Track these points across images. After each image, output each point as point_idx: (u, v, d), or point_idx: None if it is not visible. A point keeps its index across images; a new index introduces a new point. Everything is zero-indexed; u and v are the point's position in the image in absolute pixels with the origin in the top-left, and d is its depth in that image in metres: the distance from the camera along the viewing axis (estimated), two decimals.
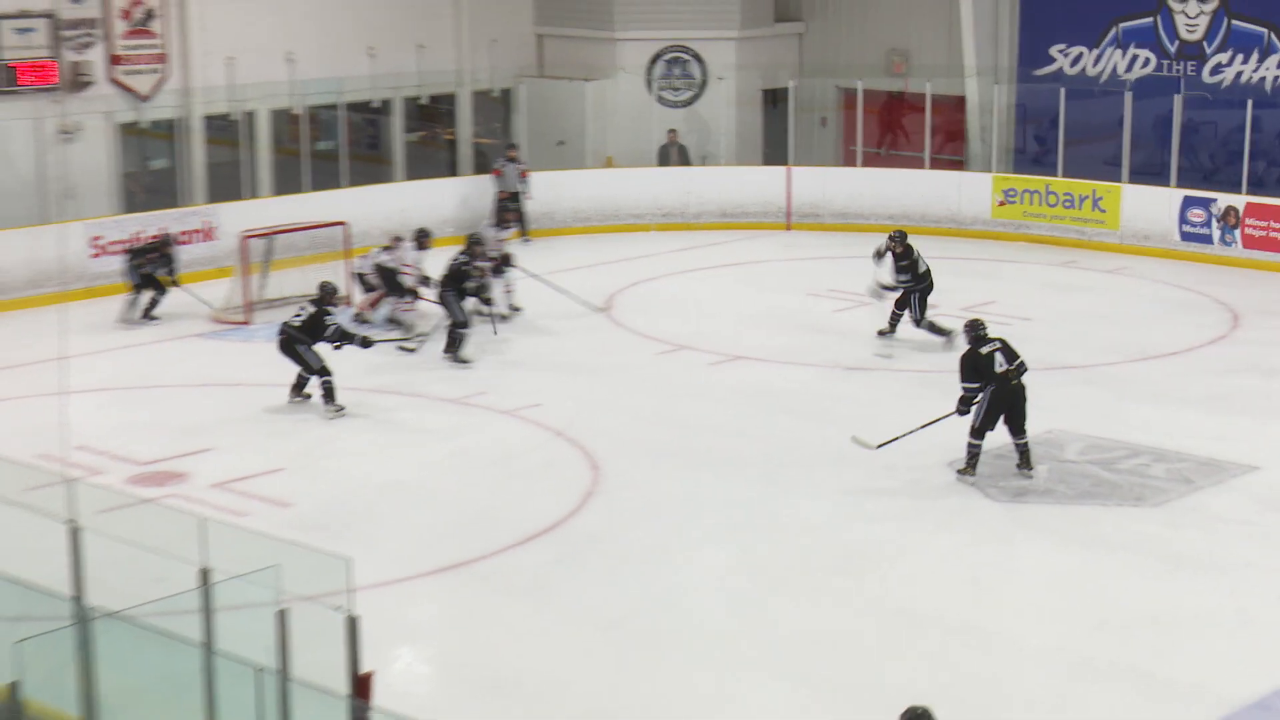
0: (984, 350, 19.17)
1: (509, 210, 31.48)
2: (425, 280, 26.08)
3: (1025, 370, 19.27)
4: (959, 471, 19.31)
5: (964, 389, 19.23)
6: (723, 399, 22.77)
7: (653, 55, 36.74)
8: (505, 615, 15.87)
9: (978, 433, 19.22)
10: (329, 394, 22.05)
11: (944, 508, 18.56)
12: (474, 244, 25.32)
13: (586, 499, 18.88)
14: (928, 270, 24.91)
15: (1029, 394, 19.36)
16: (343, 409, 21.96)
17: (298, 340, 22.05)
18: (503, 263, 26.66)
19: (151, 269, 26.69)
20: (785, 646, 15.17)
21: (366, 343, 22.55)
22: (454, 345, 24.48)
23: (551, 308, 27.04)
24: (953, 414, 19.43)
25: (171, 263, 26.95)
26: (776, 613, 15.93)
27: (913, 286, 24.85)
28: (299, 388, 22.35)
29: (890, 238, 25.22)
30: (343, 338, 22.19)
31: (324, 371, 22.11)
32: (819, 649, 15.12)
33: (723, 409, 22.29)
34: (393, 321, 26.18)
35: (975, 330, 19.44)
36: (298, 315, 22.23)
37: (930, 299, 24.93)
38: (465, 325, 24.53)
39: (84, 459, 19.45)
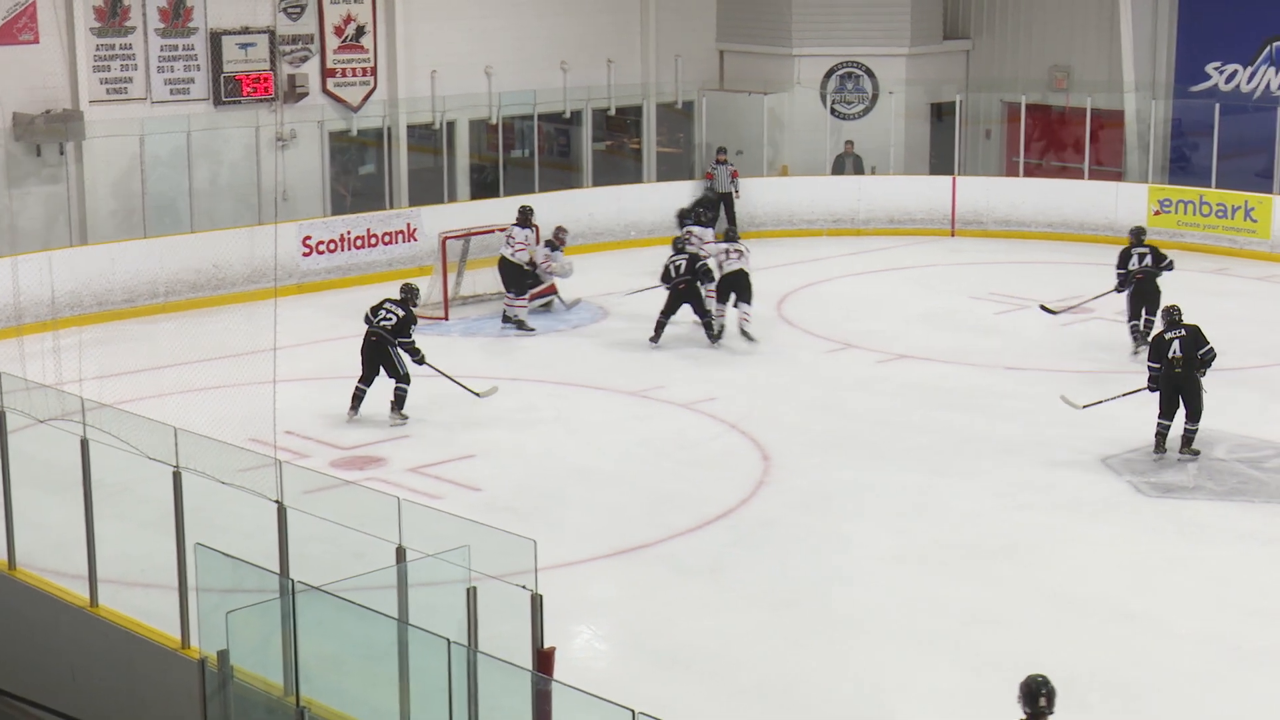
0: (1167, 335, 19.47)
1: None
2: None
3: (1209, 361, 19.42)
4: (1153, 452, 19.59)
5: (1149, 368, 19.64)
6: (888, 394, 22.62)
7: (827, 70, 36.56)
8: (681, 595, 15.87)
9: (1161, 414, 19.53)
10: (401, 401, 21.46)
11: (1099, 501, 18.36)
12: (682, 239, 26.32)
13: (759, 487, 18.84)
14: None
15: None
16: (407, 418, 21.41)
17: (390, 342, 21.34)
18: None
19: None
20: (947, 627, 15.08)
21: (421, 360, 21.55)
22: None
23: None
24: (1145, 388, 19.77)
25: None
26: (938, 595, 15.82)
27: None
28: (359, 402, 21.54)
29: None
30: (416, 351, 21.50)
31: (406, 377, 21.45)
32: (979, 630, 15.02)
33: (888, 404, 22.15)
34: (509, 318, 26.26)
35: (1169, 316, 19.80)
36: (386, 318, 21.40)
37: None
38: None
39: (291, 443, 19.69)
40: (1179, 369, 19.24)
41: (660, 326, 25.17)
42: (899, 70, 36.40)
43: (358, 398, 21.60)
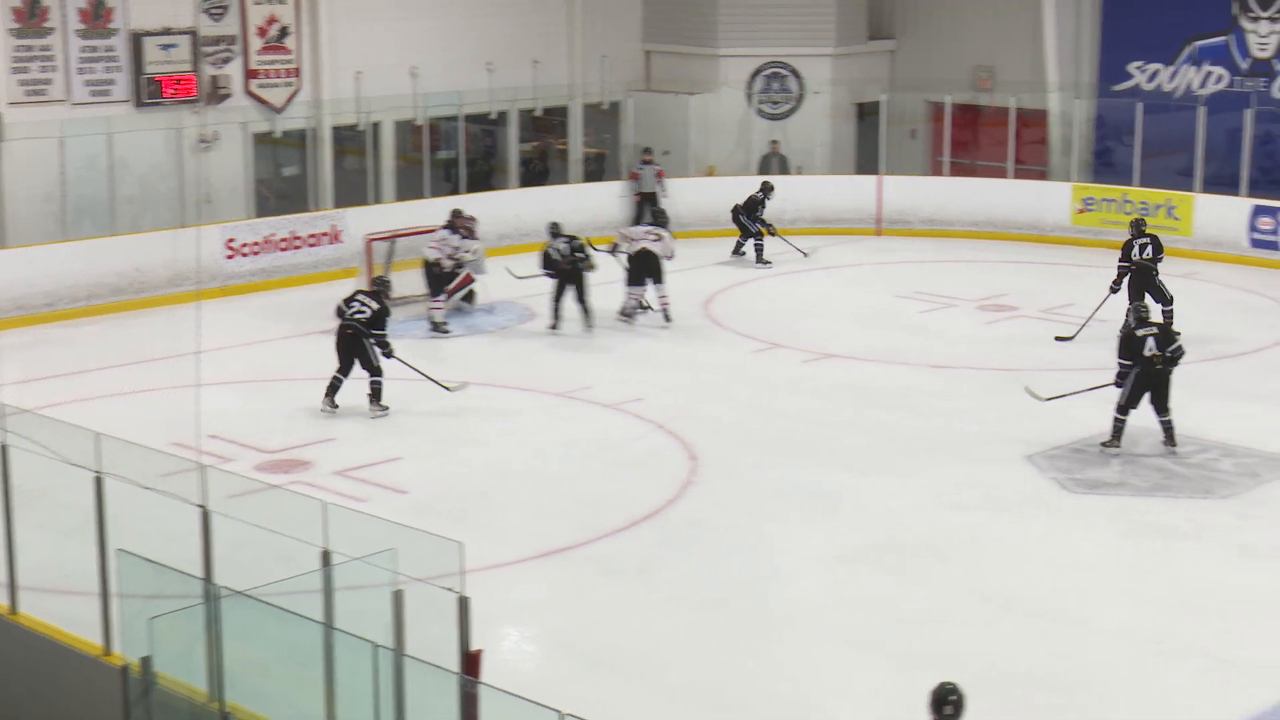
0: (1140, 333, 19.59)
1: (649, 211, 32.40)
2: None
3: (1177, 358, 19.59)
4: (1103, 444, 19.69)
5: (1119, 364, 19.71)
6: (815, 394, 22.67)
7: (753, 71, 36.64)
8: (609, 596, 15.86)
9: (1122, 409, 19.66)
10: (378, 394, 21.61)
11: (1025, 498, 18.46)
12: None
13: (686, 487, 18.84)
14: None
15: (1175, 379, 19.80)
16: (387, 409, 21.61)
17: (366, 335, 21.44)
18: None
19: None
20: (876, 626, 15.12)
21: (390, 354, 21.69)
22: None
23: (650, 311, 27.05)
24: (1111, 384, 19.91)
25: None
26: (867, 594, 15.86)
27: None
28: (335, 391, 21.66)
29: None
30: (386, 344, 21.61)
31: (380, 370, 21.60)
32: (908, 629, 15.06)
33: (815, 403, 22.20)
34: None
35: (1138, 314, 20.00)
36: (360, 311, 21.52)
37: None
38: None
39: (215, 447, 19.52)
40: (1159, 365, 19.41)
41: (555, 313, 25.75)
42: (824, 70, 36.51)
43: (334, 387, 21.71)
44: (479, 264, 26.69)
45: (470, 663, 10.81)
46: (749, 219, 31.23)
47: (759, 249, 31.10)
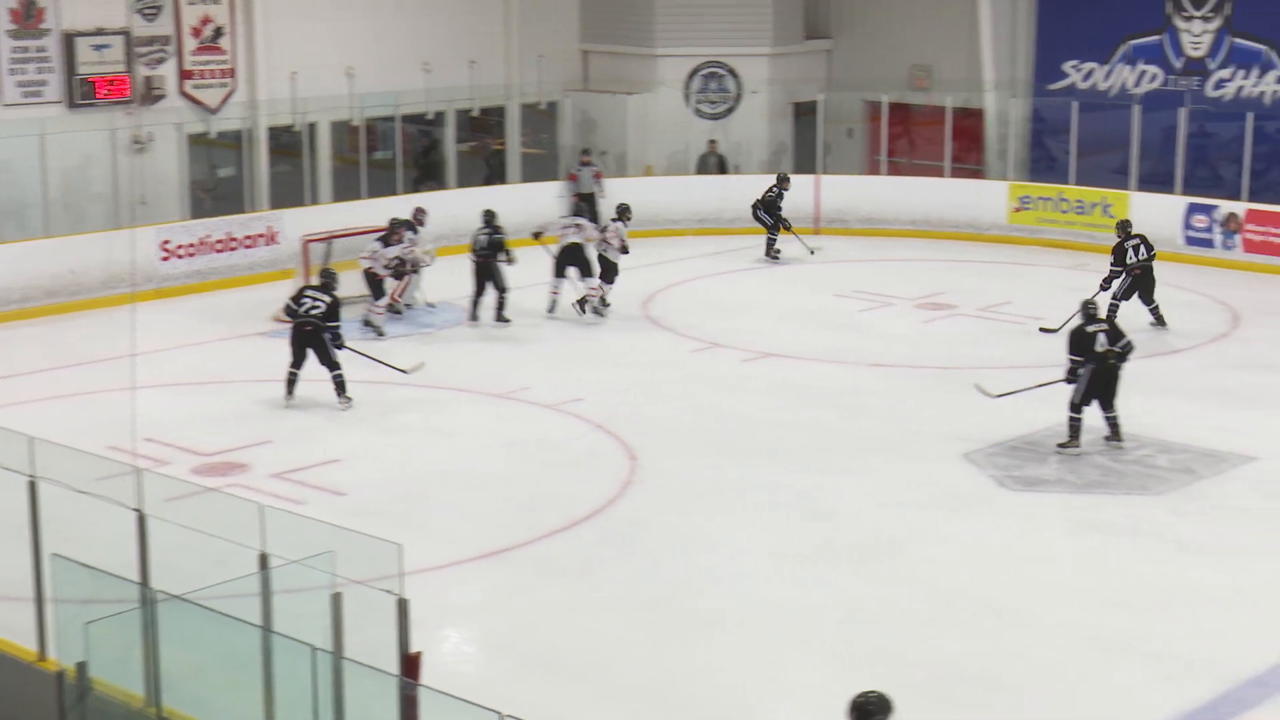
0: (1090, 329, 19.62)
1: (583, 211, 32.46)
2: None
3: (1128, 353, 19.67)
4: (1060, 445, 19.69)
5: (1070, 360, 19.73)
6: (754, 393, 22.70)
7: (690, 70, 36.67)
8: (550, 596, 15.82)
9: (1076, 407, 19.69)
10: (342, 386, 21.86)
11: (965, 496, 18.51)
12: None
13: (626, 487, 18.83)
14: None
15: (1125, 375, 19.88)
16: (351, 400, 21.89)
17: (323, 330, 21.75)
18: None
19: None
20: (816, 625, 15.13)
21: (342, 344, 22.07)
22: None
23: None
24: (1061, 380, 19.92)
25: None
26: (807, 593, 15.87)
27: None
28: (294, 385, 21.99)
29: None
30: (338, 335, 21.97)
31: (338, 364, 21.88)
32: (849, 628, 15.08)
33: (754, 402, 22.22)
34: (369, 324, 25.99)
35: (1086, 310, 19.97)
36: (314, 306, 21.81)
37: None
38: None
39: (151, 450, 19.41)
40: (1112, 361, 19.50)
41: (474, 305, 26.39)
42: (761, 70, 36.58)
43: (291, 382, 21.97)
44: (423, 255, 26.72)
45: (410, 665, 10.78)
46: (768, 214, 31.30)
47: (770, 242, 31.38)
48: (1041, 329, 25.15)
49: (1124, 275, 25.14)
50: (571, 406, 21.83)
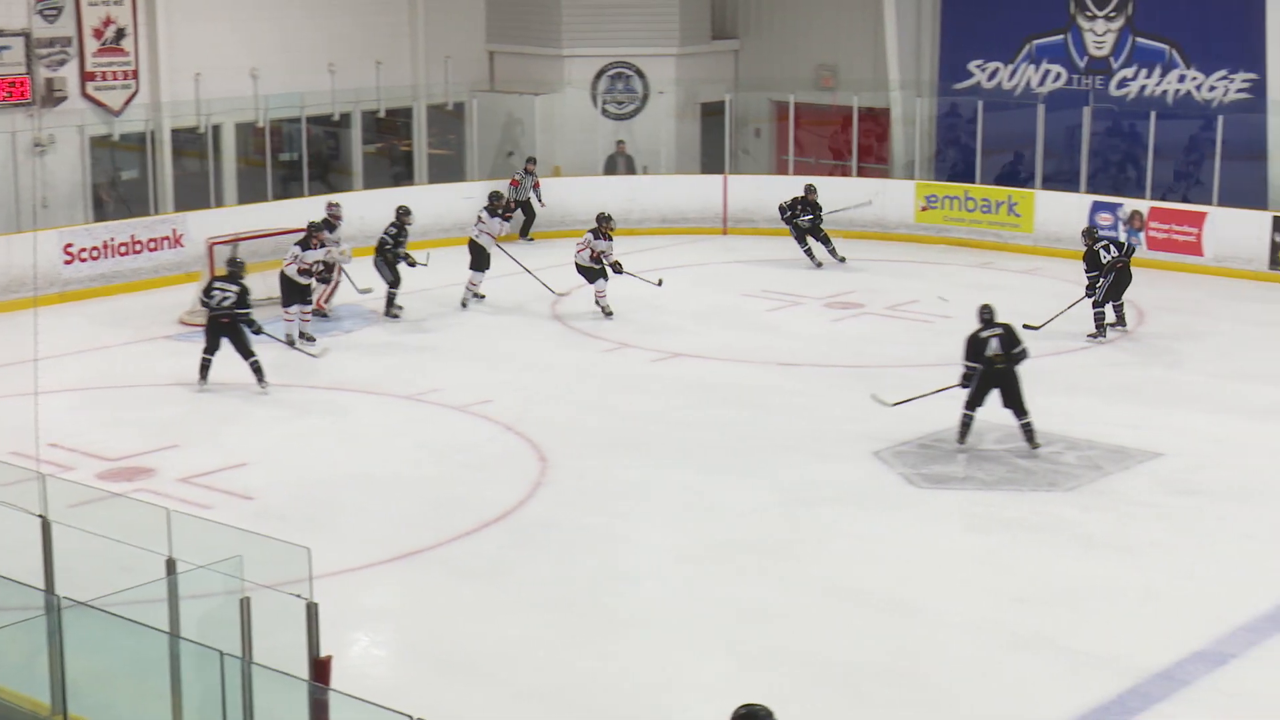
0: (984, 334, 19.72)
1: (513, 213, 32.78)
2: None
3: (1020, 359, 19.78)
4: (959, 440, 19.91)
5: (965, 366, 19.84)
6: (664, 393, 22.72)
7: (598, 71, 36.69)
8: (460, 599, 15.78)
9: (968, 405, 19.84)
10: (260, 373, 22.43)
11: (873, 494, 18.57)
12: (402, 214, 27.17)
13: (536, 488, 18.81)
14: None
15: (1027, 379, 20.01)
16: (269, 386, 22.38)
17: (239, 318, 22.26)
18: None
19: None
20: (726, 624, 15.14)
21: (259, 330, 22.63)
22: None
23: (501, 307, 27.03)
24: (956, 385, 20.09)
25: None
26: (717, 593, 15.89)
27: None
28: (207, 370, 22.61)
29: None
30: (252, 322, 22.48)
31: (253, 352, 22.38)
32: (758, 626, 15.09)
33: (664, 402, 22.24)
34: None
35: (982, 315, 20.00)
36: (225, 297, 22.30)
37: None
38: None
39: (56, 456, 19.26)
40: (1000, 365, 19.58)
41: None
42: (669, 70, 36.63)
43: (205, 367, 22.52)
44: (344, 257, 26.64)
45: (320, 669, 10.75)
46: (796, 218, 31.24)
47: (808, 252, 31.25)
48: (1025, 325, 25.11)
49: (1101, 277, 25.02)
50: (481, 408, 21.78)
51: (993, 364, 19.63)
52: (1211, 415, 21.54)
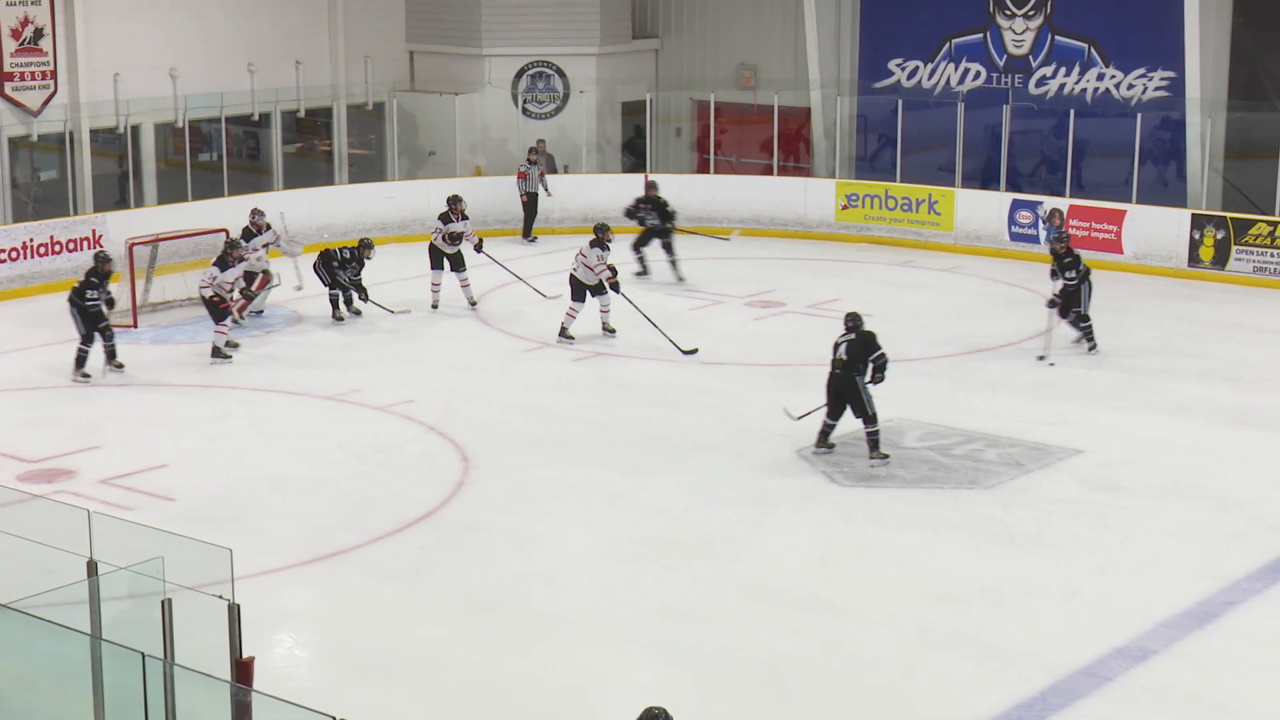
0: (838, 339, 19.48)
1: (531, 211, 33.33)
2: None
3: (878, 368, 19.29)
4: (815, 445, 19.73)
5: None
6: (585, 392, 22.75)
7: (518, 70, 36.70)
8: (382, 599, 15.77)
9: (828, 414, 19.59)
10: (114, 353, 23.44)
11: (794, 492, 18.64)
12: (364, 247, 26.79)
13: (459, 488, 18.81)
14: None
15: (880, 389, 19.55)
16: (124, 366, 23.40)
17: (84, 303, 23.16)
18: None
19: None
20: (647, 623, 15.19)
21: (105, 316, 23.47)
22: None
23: (423, 306, 27.01)
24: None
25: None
26: (638, 592, 15.94)
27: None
28: (84, 360, 23.21)
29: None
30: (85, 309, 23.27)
31: (91, 338, 23.23)
32: (680, 624, 15.15)
33: (586, 402, 22.27)
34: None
35: (847, 323, 19.69)
36: (93, 300, 23.24)
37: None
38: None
39: None
40: (838, 370, 19.35)
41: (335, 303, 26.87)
42: (589, 69, 36.68)
43: (81, 359, 22.99)
44: (292, 247, 26.58)
45: (242, 671, 10.74)
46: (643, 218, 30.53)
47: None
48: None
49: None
50: (403, 408, 21.76)
51: (833, 369, 19.43)
52: (1132, 412, 21.73)
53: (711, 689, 13.52)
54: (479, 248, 27.90)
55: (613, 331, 25.54)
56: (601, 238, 25.56)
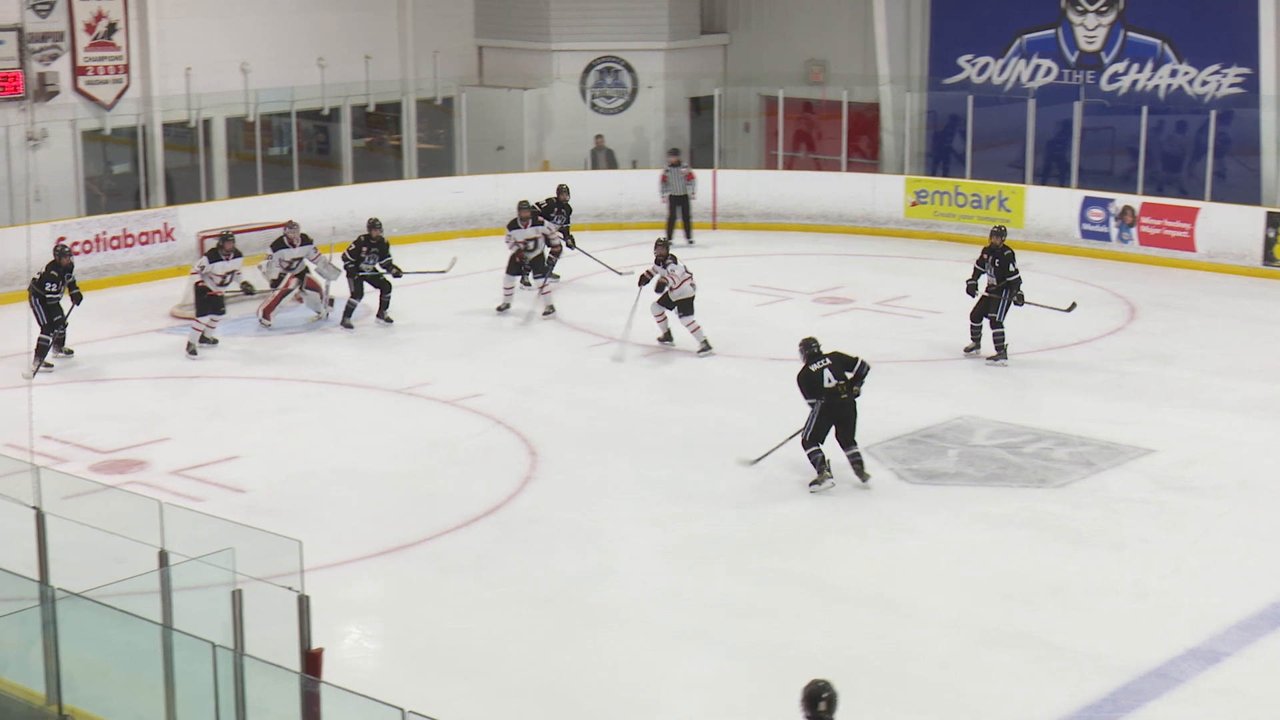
0: (814, 367, 18.59)
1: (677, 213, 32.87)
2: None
3: (859, 379, 18.58)
4: (811, 484, 18.59)
5: (808, 404, 18.66)
6: (652, 388, 22.77)
7: (586, 65, 36.74)
8: (447, 593, 15.83)
9: (809, 443, 18.59)
10: (63, 343, 23.95)
11: (861, 490, 18.56)
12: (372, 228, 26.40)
13: (525, 483, 18.84)
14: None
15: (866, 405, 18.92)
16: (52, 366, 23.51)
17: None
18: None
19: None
20: (710, 619, 15.19)
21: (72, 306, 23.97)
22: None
23: (492, 301, 27.04)
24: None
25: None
26: (701, 587, 15.94)
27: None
28: (46, 351, 23.47)
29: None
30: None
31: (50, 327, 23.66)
32: (741, 621, 15.15)
33: (652, 397, 22.30)
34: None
35: (808, 348, 18.74)
36: (53, 293, 23.60)
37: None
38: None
39: (49, 448, 19.30)
40: (844, 394, 18.56)
41: (349, 310, 26.29)
42: (657, 64, 36.69)
43: (43, 349, 23.29)
44: (328, 270, 26.31)
45: (311, 662, 10.80)
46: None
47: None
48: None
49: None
50: (471, 402, 21.82)
51: (836, 395, 18.57)
52: (1204, 411, 21.60)
53: (772, 686, 13.49)
54: (557, 252, 27.74)
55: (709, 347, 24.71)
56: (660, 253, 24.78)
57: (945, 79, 35.26)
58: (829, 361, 18.66)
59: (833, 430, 18.61)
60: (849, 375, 18.56)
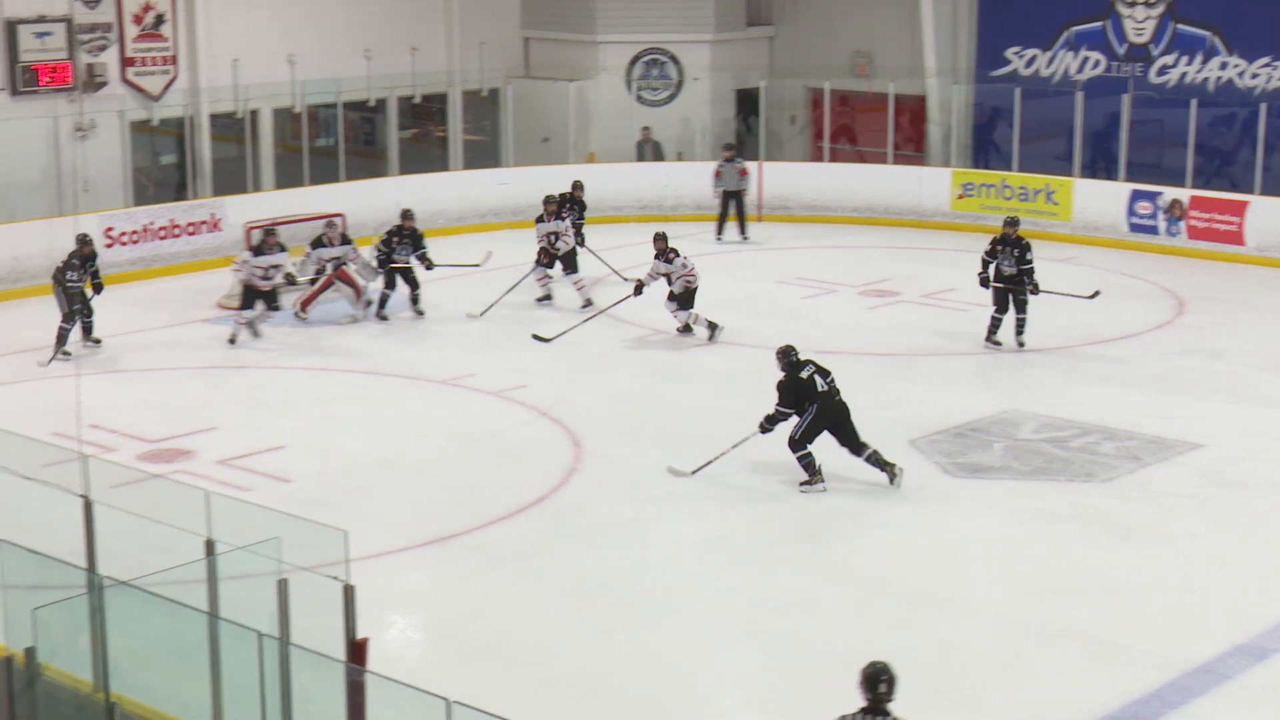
0: (803, 375, 18.41)
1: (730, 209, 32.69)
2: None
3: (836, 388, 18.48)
4: (802, 484, 18.40)
5: (778, 411, 18.46)
6: (697, 380, 22.77)
7: (632, 57, 36.75)
8: (492, 584, 15.86)
9: (798, 444, 18.41)
10: (89, 330, 24.13)
11: (905, 483, 18.45)
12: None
13: (570, 474, 18.86)
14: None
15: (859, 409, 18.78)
16: (68, 355, 23.42)
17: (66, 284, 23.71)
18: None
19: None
20: (755, 612, 15.17)
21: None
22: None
23: (528, 297, 27.04)
24: (756, 433, 18.75)
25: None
26: (745, 580, 15.93)
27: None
28: (87, 334, 24.00)
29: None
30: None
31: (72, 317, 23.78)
32: (785, 614, 15.12)
33: (697, 390, 22.30)
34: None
35: (788, 356, 18.60)
36: (75, 282, 23.76)
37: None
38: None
39: (97, 437, 19.38)
40: (838, 396, 18.49)
41: (382, 301, 26.37)
42: (703, 57, 36.68)
43: (62, 337, 23.41)
44: (367, 272, 26.23)
45: (356, 651, 10.83)
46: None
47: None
48: (1093, 294, 24.64)
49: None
50: (516, 394, 21.85)
51: (830, 398, 18.40)
52: (1252, 406, 21.50)
53: (815, 679, 13.49)
54: (564, 251, 27.29)
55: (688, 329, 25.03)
56: (659, 247, 25.11)
57: (992, 71, 35.18)
58: (815, 367, 18.53)
59: (835, 440, 18.42)
60: (831, 376, 18.46)
